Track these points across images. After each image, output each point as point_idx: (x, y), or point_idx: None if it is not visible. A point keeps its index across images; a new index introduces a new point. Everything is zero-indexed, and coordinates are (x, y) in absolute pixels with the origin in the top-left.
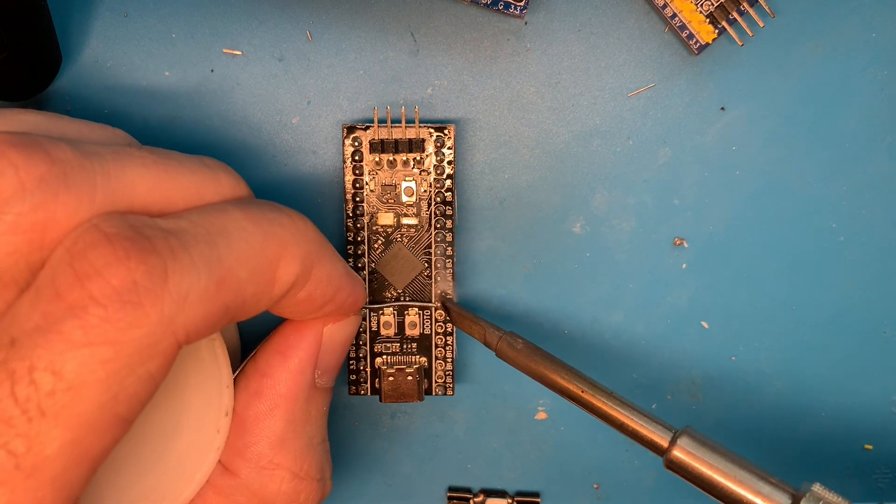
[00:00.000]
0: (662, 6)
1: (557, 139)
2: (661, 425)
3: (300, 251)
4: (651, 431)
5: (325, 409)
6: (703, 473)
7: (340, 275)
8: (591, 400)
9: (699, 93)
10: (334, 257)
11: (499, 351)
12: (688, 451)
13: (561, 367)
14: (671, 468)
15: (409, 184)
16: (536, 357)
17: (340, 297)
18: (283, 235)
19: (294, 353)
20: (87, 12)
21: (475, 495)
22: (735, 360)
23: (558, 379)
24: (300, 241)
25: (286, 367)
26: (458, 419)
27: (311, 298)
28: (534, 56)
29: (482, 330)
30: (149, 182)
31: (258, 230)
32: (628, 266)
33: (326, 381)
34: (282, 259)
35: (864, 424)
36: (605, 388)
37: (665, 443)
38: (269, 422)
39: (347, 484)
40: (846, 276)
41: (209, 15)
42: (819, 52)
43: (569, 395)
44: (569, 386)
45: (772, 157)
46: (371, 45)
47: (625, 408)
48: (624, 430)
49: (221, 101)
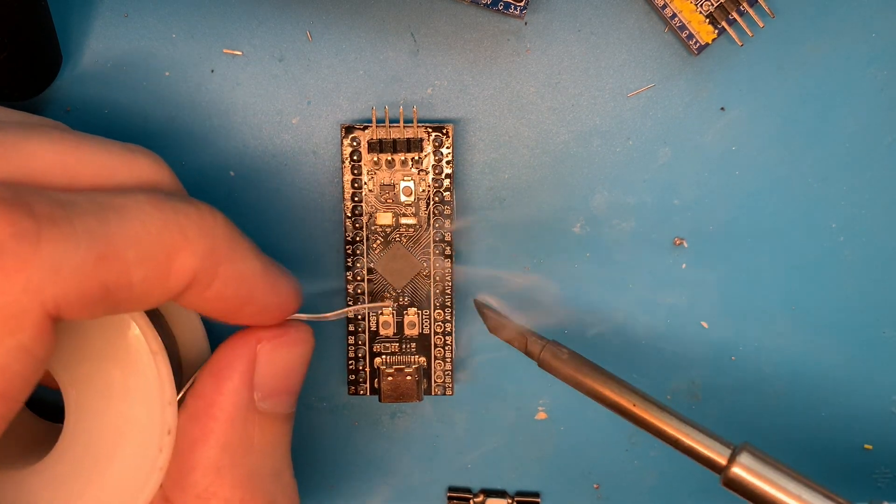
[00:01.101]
0: (662, 6)
1: (557, 139)
2: (719, 441)
3: (203, 245)
4: (708, 448)
5: (277, 439)
6: (765, 493)
7: (256, 275)
8: (643, 415)
9: (699, 93)
10: (249, 256)
11: (542, 361)
12: (749, 468)
13: (610, 379)
14: (730, 486)
15: (407, 183)
16: (584, 368)
17: (260, 298)
18: (188, 226)
19: (227, 374)
20: (87, 12)
21: (475, 495)
22: (735, 360)
23: (608, 392)
24: (206, 235)
25: (219, 388)
26: (458, 419)
27: (223, 298)
28: (534, 56)
29: (523, 338)
30: (52, 156)
31: (159, 215)
32: (628, 266)
33: (272, 405)
34: (181, 250)
35: (863, 424)
36: (658, 401)
37: (724, 460)
38: (203, 448)
39: (347, 484)
40: (846, 276)
41: (209, 15)
42: (819, 53)
43: (619, 410)
44: (619, 400)
45: (772, 157)
46: (371, 45)
47: (680, 423)
48: (679, 446)
49: (222, 101)
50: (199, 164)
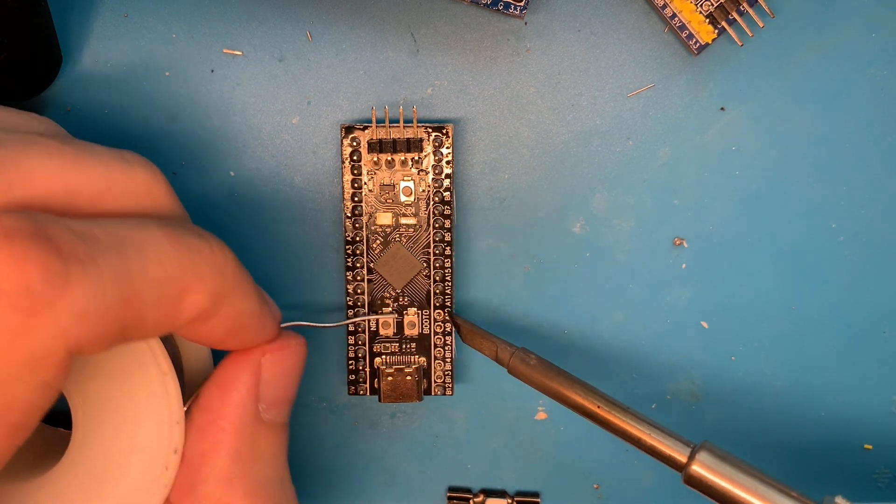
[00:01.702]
0: (662, 6)
1: (557, 139)
2: (679, 440)
3: (213, 285)
4: (669, 447)
5: (279, 448)
6: (723, 489)
7: (252, 315)
8: (607, 416)
9: (699, 93)
10: (250, 295)
11: (511, 368)
12: (707, 466)
13: (575, 383)
14: (690, 483)
15: (407, 184)
16: (550, 374)
17: (248, 333)
18: (201, 265)
19: (233, 387)
20: (88, 12)
21: (475, 495)
22: (735, 360)
23: (573, 396)
24: (216, 275)
25: (226, 400)
26: (458, 419)
27: (213, 332)
28: (534, 56)
29: (493, 346)
30: (51, 171)
31: (176, 254)
32: (628, 266)
33: (274, 415)
34: (192, 290)
35: (863, 424)
36: (621, 404)
37: (683, 458)
38: (214, 459)
39: (347, 484)
40: (846, 276)
41: (209, 15)
42: (819, 53)
43: (585, 412)
44: (584, 403)
45: (771, 157)
46: (371, 45)
47: (642, 424)
48: (641, 445)
49: (222, 101)
50: (199, 164)
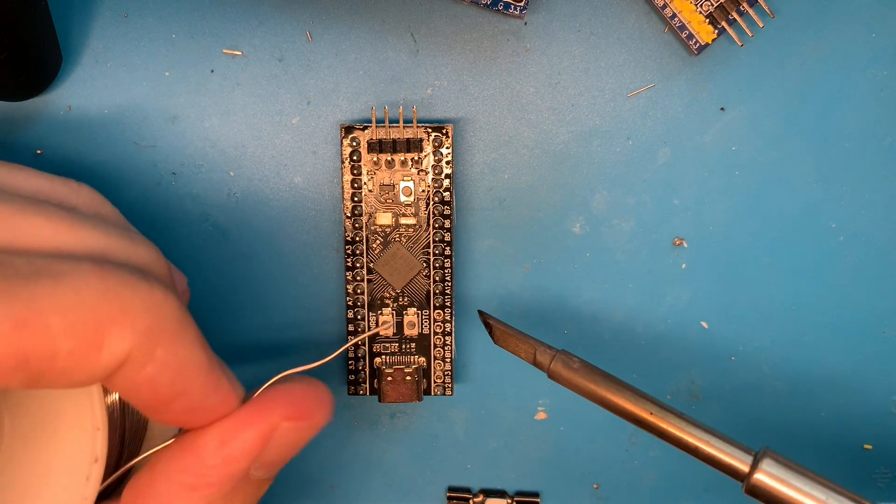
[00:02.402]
0: (662, 6)
1: (557, 139)
2: (739, 448)
3: (143, 322)
4: (729, 455)
5: (253, 499)
6: (790, 499)
7: (197, 367)
8: (660, 424)
9: (699, 93)
10: (194, 345)
11: (552, 372)
12: (772, 474)
13: (624, 388)
14: (753, 494)
15: (407, 184)
16: (596, 378)
17: (195, 395)
18: (130, 300)
19: (234, 442)
20: (87, 13)
21: (475, 495)
22: (735, 360)
23: (623, 402)
24: (149, 312)
25: (220, 452)
26: (458, 419)
27: (155, 385)
28: (533, 56)
29: (531, 348)
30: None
31: (98, 284)
32: (628, 266)
33: (263, 473)
34: (117, 324)
35: (863, 424)
36: (675, 409)
37: (746, 467)
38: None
39: (347, 484)
40: (846, 276)
41: (209, 15)
42: (819, 53)
43: (635, 419)
44: (635, 410)
45: (771, 157)
46: (371, 45)
47: (698, 430)
48: (698, 454)
49: (221, 101)
50: (199, 164)
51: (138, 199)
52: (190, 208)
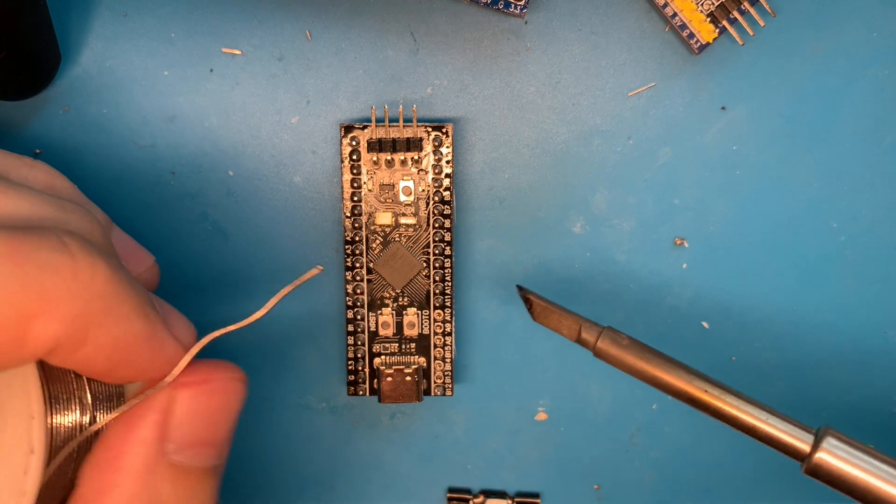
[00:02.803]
0: (663, 5)
1: (557, 139)
2: (799, 427)
3: (71, 309)
4: (789, 434)
5: (192, 493)
6: (854, 478)
7: (136, 338)
8: (715, 402)
9: (700, 92)
10: (130, 317)
11: (599, 350)
12: (835, 453)
13: (677, 366)
14: (814, 474)
15: (407, 183)
16: (647, 355)
17: (138, 362)
18: (52, 286)
19: (138, 423)
20: (87, 12)
21: (475, 496)
22: (735, 360)
23: (675, 380)
24: (76, 298)
25: (127, 437)
26: (458, 420)
27: (92, 363)
28: (534, 55)
29: (575, 325)
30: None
31: (18, 273)
32: (628, 266)
33: (188, 457)
34: (41, 315)
35: (865, 425)
36: (731, 388)
37: (807, 447)
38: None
39: (347, 484)
40: (847, 276)
41: (208, 14)
42: (820, 52)
43: (688, 398)
44: (688, 388)
45: (772, 156)
46: (371, 44)
47: (756, 409)
48: (755, 434)
49: (221, 100)
50: (198, 163)
51: (137, 198)
52: (189, 208)
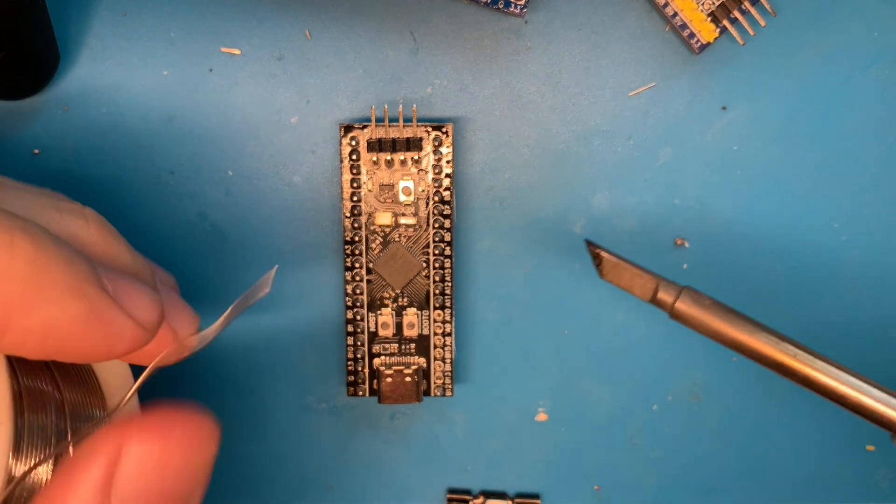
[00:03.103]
0: (663, 5)
1: (558, 139)
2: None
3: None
4: (885, 404)
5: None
6: None
7: (73, 322)
8: (804, 369)
9: (700, 92)
10: (62, 299)
11: (677, 311)
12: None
13: (762, 329)
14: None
15: (406, 183)
16: (731, 317)
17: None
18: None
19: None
20: (86, 11)
21: (475, 497)
22: (736, 360)
23: (762, 344)
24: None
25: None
26: (458, 420)
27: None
28: (534, 55)
29: (652, 283)
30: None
31: None
32: None
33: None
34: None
35: (865, 425)
36: (822, 355)
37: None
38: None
39: (346, 485)
40: (848, 276)
41: (208, 14)
42: (821, 52)
43: (775, 364)
44: (776, 353)
45: (773, 156)
46: (370, 44)
47: (849, 377)
48: (847, 404)
49: (220, 100)
50: (198, 163)
51: (136, 198)
52: (188, 208)
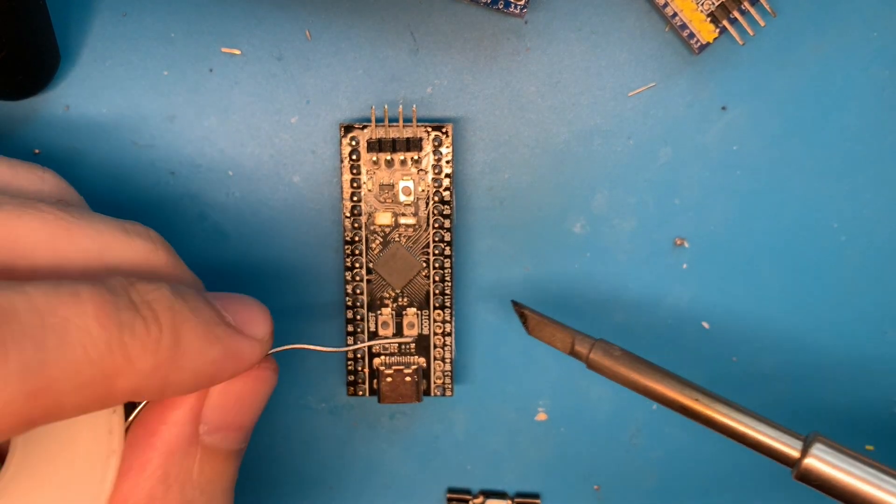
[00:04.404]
0: (663, 5)
1: (558, 139)
2: (788, 433)
3: (146, 365)
4: (778, 441)
5: (219, 476)
6: (843, 483)
7: (215, 364)
8: (705, 411)
9: (700, 92)
10: (203, 351)
11: (591, 362)
12: (823, 459)
13: (668, 376)
14: (805, 480)
15: (406, 183)
16: (639, 367)
17: (223, 377)
18: (131, 345)
19: (173, 404)
20: (86, 11)
21: (475, 496)
22: (736, 360)
23: (667, 390)
24: (150, 353)
25: (163, 418)
26: (458, 420)
27: (178, 392)
28: (534, 55)
29: (569, 338)
30: (40, 236)
31: (102, 335)
32: (628, 266)
33: (219, 440)
34: (121, 375)
35: (864, 425)
36: (722, 397)
37: (796, 452)
38: (140, 477)
39: (346, 485)
40: (847, 275)
41: (208, 14)
42: (820, 52)
43: (680, 407)
44: (679, 397)
45: (773, 156)
46: (370, 44)
47: (746, 417)
48: (746, 441)
49: (220, 100)
50: (198, 163)
51: (136, 198)
52: (188, 208)
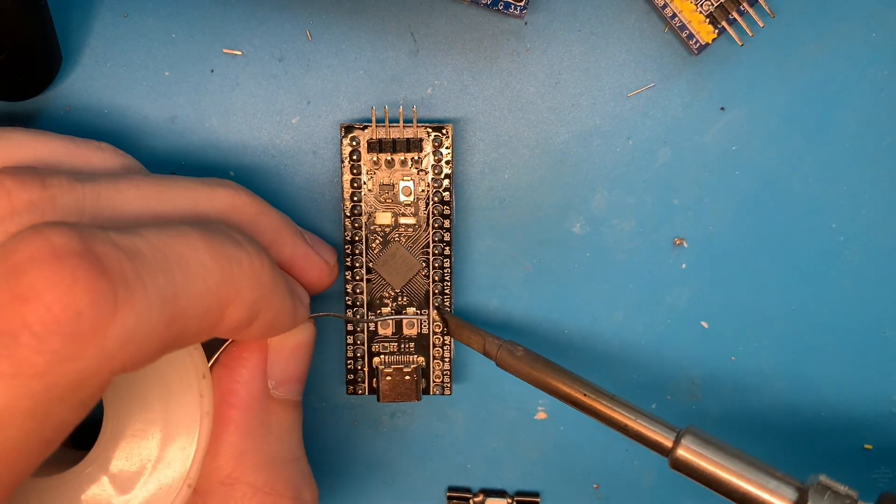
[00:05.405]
0: (662, 6)
1: (557, 139)
2: (665, 426)
3: (251, 297)
4: (654, 432)
5: (292, 425)
6: (708, 471)
7: (286, 315)
8: (593, 404)
9: (699, 93)
10: (284, 298)
11: (499, 360)
12: (692, 449)
13: (562, 373)
14: (677, 468)
15: (406, 183)
16: (537, 364)
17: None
18: (240, 278)
19: (240, 364)
20: (87, 12)
21: (475, 495)
22: (735, 360)
23: (560, 385)
24: (254, 286)
25: (234, 378)
26: (458, 419)
27: (251, 334)
28: (534, 56)
29: (481, 340)
30: (140, 201)
31: (217, 268)
32: (628, 266)
33: (285, 391)
34: (232, 304)
35: (864, 424)
36: (607, 391)
37: (669, 443)
38: (225, 435)
39: (347, 484)
40: (846, 276)
41: (209, 15)
42: (819, 53)
43: (571, 401)
44: (571, 391)
45: (772, 157)
46: (371, 44)
47: (628, 410)
48: (627, 432)
49: (221, 101)
50: (199, 164)
51: None
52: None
